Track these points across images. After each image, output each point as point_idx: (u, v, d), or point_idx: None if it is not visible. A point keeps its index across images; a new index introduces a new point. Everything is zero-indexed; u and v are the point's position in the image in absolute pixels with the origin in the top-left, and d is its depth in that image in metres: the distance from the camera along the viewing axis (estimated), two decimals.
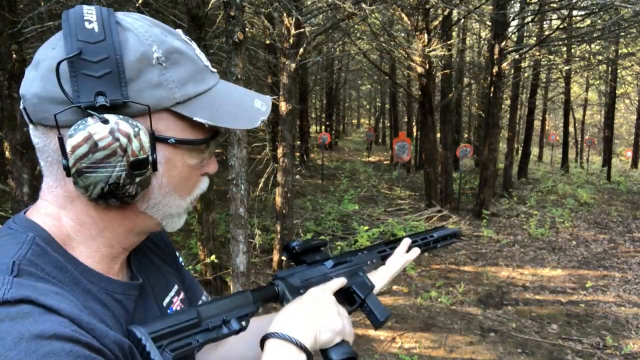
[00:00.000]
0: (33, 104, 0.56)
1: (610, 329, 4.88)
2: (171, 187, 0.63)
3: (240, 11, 3.38)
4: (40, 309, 0.50)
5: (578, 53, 15.24)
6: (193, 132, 0.62)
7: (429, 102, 9.76)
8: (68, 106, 0.54)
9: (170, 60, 0.59)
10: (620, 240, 8.40)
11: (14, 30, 3.67)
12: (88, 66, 0.54)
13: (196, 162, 0.65)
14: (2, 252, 0.56)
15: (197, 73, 0.62)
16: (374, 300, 0.85)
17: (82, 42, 0.54)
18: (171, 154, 0.62)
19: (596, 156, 25.80)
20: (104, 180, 0.55)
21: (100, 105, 0.54)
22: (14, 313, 0.48)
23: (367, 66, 17.89)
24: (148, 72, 0.57)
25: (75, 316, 0.52)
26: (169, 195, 0.64)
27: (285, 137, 5.86)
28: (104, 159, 0.54)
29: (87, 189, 0.56)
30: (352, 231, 7.50)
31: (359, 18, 7.31)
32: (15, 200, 3.84)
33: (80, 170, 0.54)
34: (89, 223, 0.61)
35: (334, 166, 16.07)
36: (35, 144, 0.60)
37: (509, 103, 13.70)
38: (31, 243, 0.57)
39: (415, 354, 4.23)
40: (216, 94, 0.64)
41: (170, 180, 0.63)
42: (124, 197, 0.58)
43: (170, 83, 0.58)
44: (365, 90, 29.42)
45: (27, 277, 0.53)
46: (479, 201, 9.87)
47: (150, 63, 0.57)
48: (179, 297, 0.79)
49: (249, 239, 3.84)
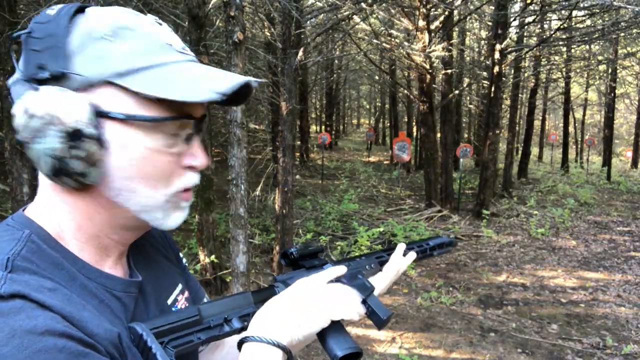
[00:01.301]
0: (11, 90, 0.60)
1: (610, 329, 4.88)
2: (134, 173, 0.60)
3: (240, 11, 3.38)
4: (33, 304, 0.50)
5: (578, 53, 15.24)
6: (147, 109, 0.58)
7: (429, 102, 9.76)
8: (17, 81, 0.57)
9: (118, 35, 0.58)
10: (620, 240, 8.40)
11: (13, 31, 3.67)
12: (35, 43, 0.57)
13: (157, 144, 0.60)
14: None
15: (150, 49, 0.59)
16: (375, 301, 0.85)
17: (35, 24, 0.58)
18: (124, 133, 0.58)
19: (596, 156, 25.80)
20: (46, 152, 0.55)
21: (43, 79, 0.55)
22: (6, 308, 0.48)
23: (367, 66, 17.89)
24: (92, 46, 0.57)
25: (67, 312, 0.52)
26: (134, 182, 0.60)
27: (285, 137, 5.86)
28: (40, 129, 0.55)
29: (38, 163, 0.57)
30: (352, 231, 7.50)
31: (359, 18, 7.31)
32: (15, 200, 3.84)
33: (24, 142, 0.56)
34: (70, 211, 0.61)
35: (334, 166, 16.07)
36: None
37: (509, 103, 13.70)
38: (26, 240, 0.58)
39: (415, 354, 4.23)
40: (173, 69, 0.60)
41: (131, 163, 0.59)
42: (73, 175, 0.57)
43: (115, 56, 0.57)
44: (365, 90, 29.43)
45: (21, 273, 0.53)
46: (479, 201, 9.87)
47: (95, 37, 0.57)
48: (183, 296, 0.79)
49: (249, 239, 3.84)
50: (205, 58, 4.85)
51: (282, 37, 5.73)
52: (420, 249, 1.11)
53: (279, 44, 5.80)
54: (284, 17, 5.63)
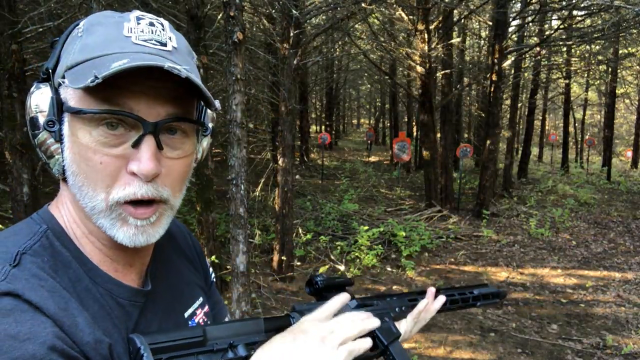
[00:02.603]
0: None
1: (610, 329, 4.88)
2: (76, 169, 0.58)
3: (240, 11, 3.38)
4: (25, 305, 0.50)
5: (578, 53, 15.24)
6: (89, 102, 0.57)
7: (429, 102, 9.76)
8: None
9: (87, 31, 0.60)
10: (620, 240, 8.40)
11: (14, 30, 3.67)
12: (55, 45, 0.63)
13: (93, 141, 0.57)
14: (12, 241, 0.57)
15: (102, 42, 0.57)
16: (398, 349, 0.78)
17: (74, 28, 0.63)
18: (73, 127, 0.58)
19: (596, 156, 25.80)
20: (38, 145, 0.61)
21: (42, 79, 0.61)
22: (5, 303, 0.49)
23: (367, 66, 17.88)
24: (71, 45, 0.60)
25: (59, 317, 0.52)
26: (78, 178, 0.58)
27: (285, 137, 5.85)
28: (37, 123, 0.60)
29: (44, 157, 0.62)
30: (352, 231, 7.49)
31: (359, 18, 7.31)
32: (16, 200, 3.84)
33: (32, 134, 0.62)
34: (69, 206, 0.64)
35: (334, 166, 16.07)
36: None
37: (509, 103, 13.71)
38: (41, 235, 0.59)
39: (415, 354, 4.23)
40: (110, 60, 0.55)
41: (74, 158, 0.58)
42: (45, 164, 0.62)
43: (70, 51, 0.59)
44: (365, 90, 29.42)
45: (27, 268, 0.54)
46: (479, 201, 9.87)
47: (73, 36, 0.61)
48: (202, 310, 0.78)
49: (249, 239, 3.83)
50: (205, 58, 4.85)
51: (282, 37, 5.73)
52: (461, 296, 1.03)
53: (279, 44, 5.80)
54: (284, 17, 5.63)
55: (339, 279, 0.82)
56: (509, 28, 10.48)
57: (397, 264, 6.68)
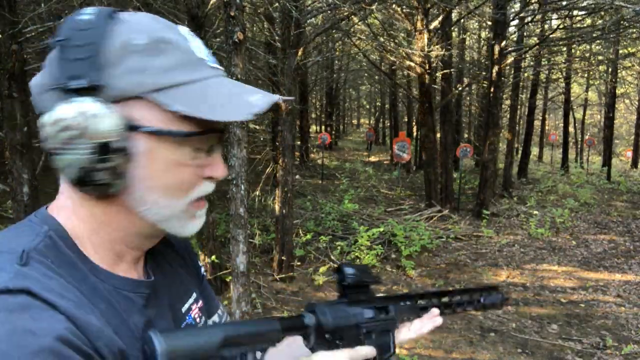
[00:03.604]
0: (36, 95, 0.58)
1: (610, 329, 4.88)
2: (156, 184, 0.60)
3: (240, 11, 3.38)
4: (39, 302, 0.50)
5: (578, 53, 15.25)
6: (178, 124, 0.59)
7: (428, 102, 9.76)
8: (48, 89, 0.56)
9: (155, 49, 0.57)
10: (620, 240, 8.40)
11: (14, 30, 3.67)
12: (70, 51, 0.55)
13: (183, 158, 0.60)
14: (15, 242, 0.57)
15: (186, 63, 0.60)
16: None
17: (71, 30, 0.56)
18: (152, 146, 0.59)
19: (596, 156, 25.81)
20: (74, 163, 0.55)
21: (79, 88, 0.54)
22: (12, 304, 0.49)
23: (367, 66, 17.89)
24: (129, 59, 0.56)
25: (71, 314, 0.52)
26: (153, 192, 0.60)
27: (285, 137, 5.85)
28: (70, 140, 0.54)
29: (64, 171, 0.57)
30: (352, 231, 7.49)
31: (358, 18, 7.31)
32: (16, 200, 3.84)
33: (53, 152, 0.56)
34: (88, 216, 0.62)
35: (334, 166, 16.07)
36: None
37: (509, 103, 13.71)
38: (44, 235, 0.58)
39: (415, 354, 4.23)
40: (207, 86, 0.60)
41: (154, 175, 0.60)
42: (98, 185, 0.57)
43: (151, 70, 0.57)
44: (365, 90, 29.42)
45: (35, 267, 0.54)
46: (479, 201, 9.87)
47: (132, 50, 0.56)
48: (197, 305, 0.79)
49: (249, 239, 3.83)
50: None
51: (282, 37, 5.73)
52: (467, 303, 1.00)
53: (279, 44, 5.80)
54: (284, 17, 5.63)
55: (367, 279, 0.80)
56: (508, 28, 10.48)
57: (397, 264, 6.68)
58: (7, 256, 0.54)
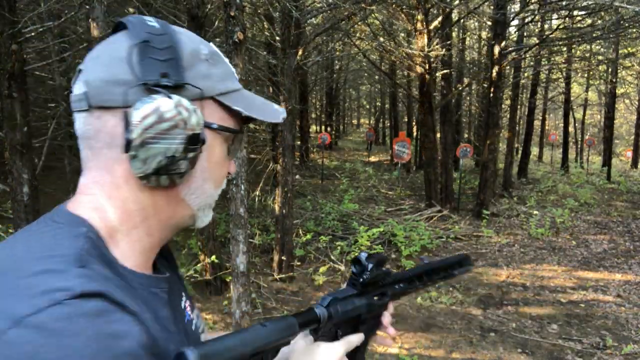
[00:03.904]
0: (97, 87, 0.60)
1: (610, 329, 4.88)
2: (208, 174, 0.68)
3: (240, 11, 3.38)
4: (113, 305, 0.51)
5: (578, 53, 15.25)
6: (230, 123, 0.69)
7: (429, 102, 9.76)
8: (133, 85, 0.60)
9: (213, 59, 0.67)
10: (620, 240, 8.40)
11: (13, 30, 3.67)
12: (154, 52, 0.61)
13: (225, 154, 0.71)
14: (59, 245, 0.56)
15: (230, 74, 0.70)
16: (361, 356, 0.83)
17: (148, 34, 0.62)
18: (212, 140, 0.67)
19: (596, 156, 25.81)
20: (164, 152, 0.60)
21: (163, 85, 0.60)
22: (92, 308, 0.49)
23: (367, 66, 17.89)
24: (198, 65, 0.64)
25: (137, 315, 0.53)
26: (207, 182, 0.68)
27: (285, 137, 5.86)
28: (167, 130, 0.59)
29: (146, 161, 0.60)
30: (352, 231, 7.49)
31: (358, 18, 7.31)
32: (15, 200, 3.84)
33: (145, 141, 0.59)
34: (134, 210, 0.63)
35: (334, 166, 16.07)
36: (84, 131, 0.62)
37: (509, 103, 13.71)
38: (85, 236, 0.58)
39: (416, 354, 4.23)
40: (245, 93, 0.72)
41: (209, 165, 0.68)
42: (174, 174, 0.62)
43: (214, 77, 0.66)
44: (365, 90, 29.42)
45: (94, 269, 0.54)
46: (479, 201, 9.87)
47: (200, 58, 0.65)
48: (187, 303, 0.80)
49: (249, 239, 3.83)
50: None
51: (282, 37, 5.73)
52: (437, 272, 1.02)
53: (279, 44, 5.80)
54: (284, 17, 5.63)
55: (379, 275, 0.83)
56: (508, 28, 10.48)
57: (397, 264, 6.68)
58: (61, 259, 0.53)
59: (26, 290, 0.49)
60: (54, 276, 0.50)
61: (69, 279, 0.50)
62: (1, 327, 0.46)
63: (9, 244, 0.58)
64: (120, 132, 0.59)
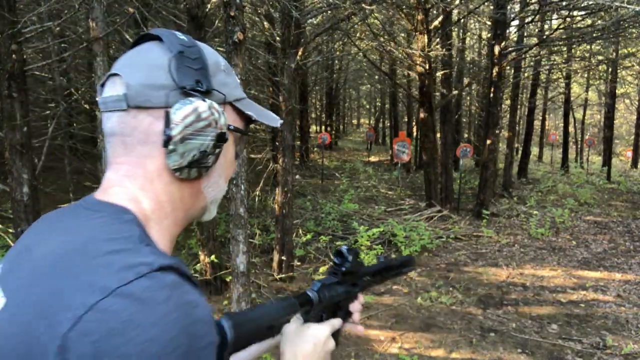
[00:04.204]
0: (137, 90, 0.67)
1: (610, 329, 4.88)
2: (223, 170, 0.77)
3: (240, 11, 3.38)
4: (183, 278, 0.58)
5: (578, 53, 15.24)
6: (240, 126, 0.79)
7: (428, 102, 9.76)
8: (173, 89, 0.68)
9: (228, 70, 0.77)
10: (620, 240, 8.40)
11: (14, 30, 3.67)
12: (188, 61, 0.70)
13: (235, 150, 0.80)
14: (118, 229, 0.62)
15: (238, 84, 0.80)
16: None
17: (182, 45, 0.70)
18: (230, 141, 0.77)
19: (596, 156, 25.81)
20: (198, 147, 0.69)
21: (197, 90, 0.69)
22: (171, 281, 0.56)
23: (367, 66, 17.88)
24: (219, 74, 0.74)
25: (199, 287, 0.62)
26: (221, 178, 0.77)
27: (285, 137, 5.85)
28: (203, 128, 0.68)
29: (183, 155, 0.68)
30: (352, 231, 7.49)
31: (358, 18, 7.31)
32: (15, 200, 3.84)
33: (185, 137, 0.67)
34: (165, 201, 0.70)
35: (334, 166, 16.07)
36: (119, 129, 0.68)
37: (509, 103, 13.70)
38: (134, 222, 0.65)
39: (416, 354, 4.23)
40: (249, 101, 0.81)
41: (226, 164, 0.78)
42: (203, 167, 0.71)
43: (230, 85, 0.76)
44: (365, 90, 29.42)
45: (155, 248, 0.62)
46: (479, 201, 9.87)
47: (220, 68, 0.75)
48: None
49: (249, 239, 3.83)
50: None
51: (282, 37, 5.73)
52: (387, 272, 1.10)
53: (279, 44, 5.80)
54: (284, 17, 5.63)
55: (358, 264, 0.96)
56: (508, 28, 10.47)
57: None
58: (127, 240, 0.60)
59: (107, 267, 0.55)
60: (129, 254, 0.57)
61: (145, 255, 0.58)
62: (93, 298, 0.52)
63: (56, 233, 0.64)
64: (156, 130, 0.67)
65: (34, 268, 0.59)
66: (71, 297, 0.53)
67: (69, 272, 0.55)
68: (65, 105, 6.44)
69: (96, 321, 0.50)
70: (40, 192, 4.09)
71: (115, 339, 0.50)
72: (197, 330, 0.55)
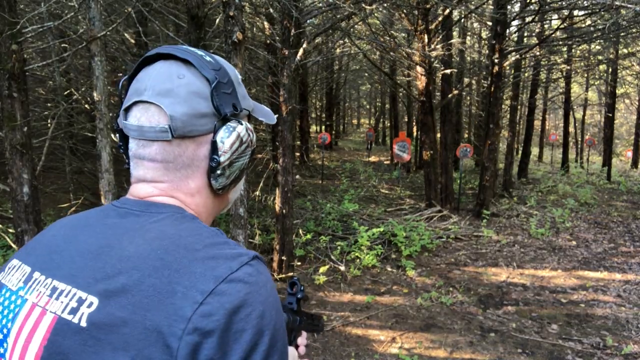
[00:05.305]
0: (183, 121, 0.71)
1: (610, 329, 4.88)
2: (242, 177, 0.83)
3: (239, 11, 3.38)
4: (264, 264, 0.69)
5: (578, 53, 15.24)
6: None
7: (429, 102, 9.76)
8: (218, 117, 0.74)
9: (240, 82, 0.81)
10: (620, 240, 8.40)
11: (13, 31, 3.67)
12: (223, 87, 0.74)
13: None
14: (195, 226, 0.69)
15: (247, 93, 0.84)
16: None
17: (214, 71, 0.74)
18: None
19: (596, 156, 25.80)
20: (240, 167, 0.78)
21: (232, 113, 0.75)
22: (264, 267, 0.68)
23: (367, 66, 17.87)
24: (239, 88, 0.79)
25: None
26: (242, 185, 0.87)
27: (285, 137, 5.85)
28: (244, 150, 0.77)
29: (229, 177, 0.77)
30: (352, 231, 7.49)
31: (359, 18, 7.31)
32: (15, 200, 3.84)
33: (232, 162, 0.76)
34: (202, 211, 0.78)
35: (334, 166, 16.07)
36: (161, 158, 0.72)
37: (509, 103, 13.70)
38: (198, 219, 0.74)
39: (416, 354, 4.23)
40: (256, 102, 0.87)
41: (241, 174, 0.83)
42: (239, 180, 0.81)
43: (246, 95, 0.82)
44: (365, 90, 29.42)
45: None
46: (479, 201, 9.87)
47: (239, 82, 0.80)
48: None
49: (248, 239, 3.83)
50: None
51: (282, 37, 5.73)
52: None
53: (279, 44, 5.80)
54: (284, 17, 5.63)
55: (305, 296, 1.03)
56: (508, 28, 10.47)
57: (397, 264, 6.68)
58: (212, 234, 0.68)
59: (212, 259, 0.63)
60: (225, 246, 0.66)
61: (238, 247, 0.67)
62: (210, 285, 0.61)
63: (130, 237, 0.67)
64: (200, 155, 0.73)
65: (133, 266, 0.63)
66: (189, 286, 0.60)
67: (179, 265, 0.62)
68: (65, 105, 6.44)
69: (217, 303, 0.59)
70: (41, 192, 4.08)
71: (234, 316, 0.60)
72: (280, 308, 0.67)
